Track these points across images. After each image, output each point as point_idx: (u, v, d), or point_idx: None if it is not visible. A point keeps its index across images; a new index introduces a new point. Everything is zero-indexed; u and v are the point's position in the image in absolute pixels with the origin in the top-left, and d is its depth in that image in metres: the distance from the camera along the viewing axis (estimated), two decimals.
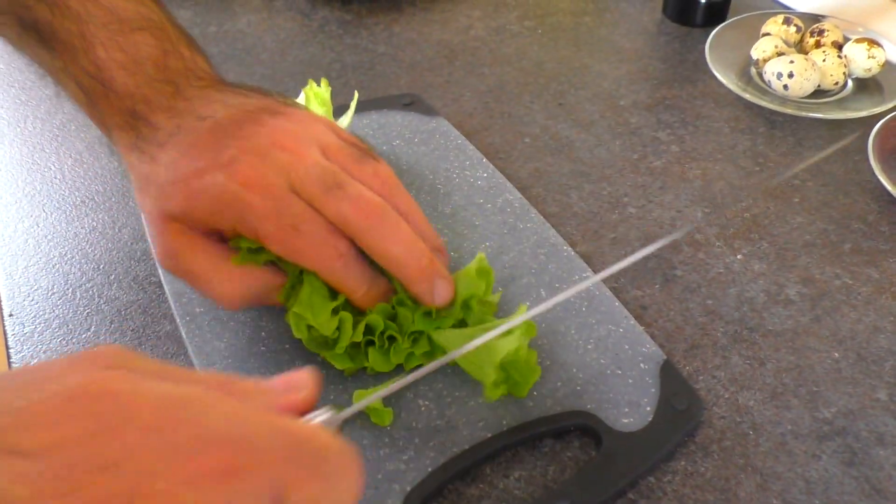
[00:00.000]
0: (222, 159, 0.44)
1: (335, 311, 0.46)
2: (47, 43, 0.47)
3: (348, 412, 0.34)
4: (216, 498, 0.25)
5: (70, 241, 0.61)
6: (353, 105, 0.65)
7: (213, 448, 0.26)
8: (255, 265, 0.47)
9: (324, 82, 0.63)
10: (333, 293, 0.46)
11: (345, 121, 0.64)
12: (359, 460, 0.30)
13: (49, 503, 0.23)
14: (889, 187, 0.60)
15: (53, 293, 0.56)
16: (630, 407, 0.46)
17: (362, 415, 0.46)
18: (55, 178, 0.67)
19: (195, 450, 0.26)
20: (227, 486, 0.25)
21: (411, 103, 0.71)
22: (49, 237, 0.61)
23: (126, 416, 0.25)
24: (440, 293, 0.46)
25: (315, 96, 0.63)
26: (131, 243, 0.60)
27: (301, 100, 0.64)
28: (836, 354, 0.51)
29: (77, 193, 0.65)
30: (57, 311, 0.55)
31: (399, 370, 0.48)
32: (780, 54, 0.74)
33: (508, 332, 0.43)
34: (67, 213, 0.63)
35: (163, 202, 0.46)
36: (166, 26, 0.49)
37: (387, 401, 0.46)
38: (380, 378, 0.47)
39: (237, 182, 0.43)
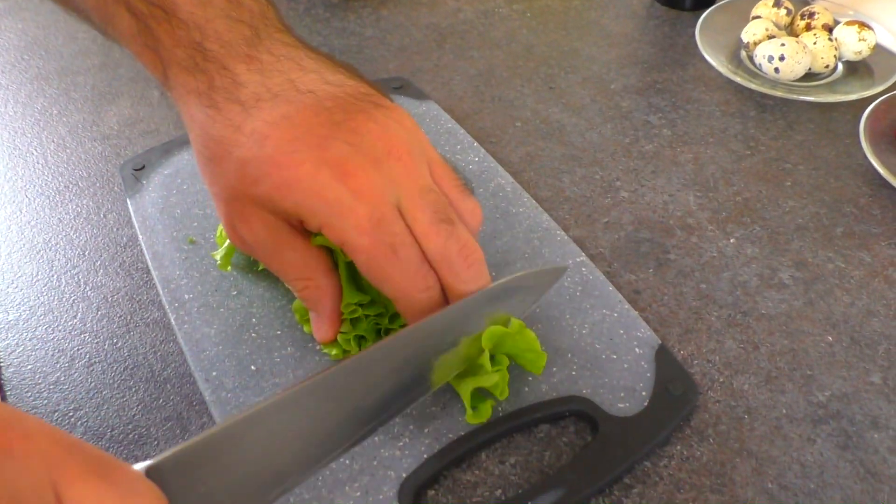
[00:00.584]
0: (330, 154, 0.39)
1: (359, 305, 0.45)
2: None
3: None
4: None
5: (54, 227, 0.59)
6: None
7: None
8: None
9: None
10: (362, 287, 0.45)
11: None
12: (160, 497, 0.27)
13: None
14: (881, 170, 0.60)
15: (38, 280, 0.55)
16: (625, 392, 0.46)
17: None
18: (38, 163, 0.65)
19: None
20: (6, 461, 0.24)
21: (400, 87, 0.70)
22: (32, 223, 0.60)
23: None
24: None
25: None
26: (117, 229, 0.59)
27: None
28: (830, 338, 0.51)
29: (60, 179, 0.64)
30: (42, 299, 0.54)
31: None
32: (770, 37, 0.74)
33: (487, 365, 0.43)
34: (51, 198, 0.62)
35: (247, 184, 0.40)
36: None
37: None
38: None
39: (345, 185, 0.39)
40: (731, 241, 0.58)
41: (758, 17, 0.77)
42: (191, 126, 0.43)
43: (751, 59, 0.75)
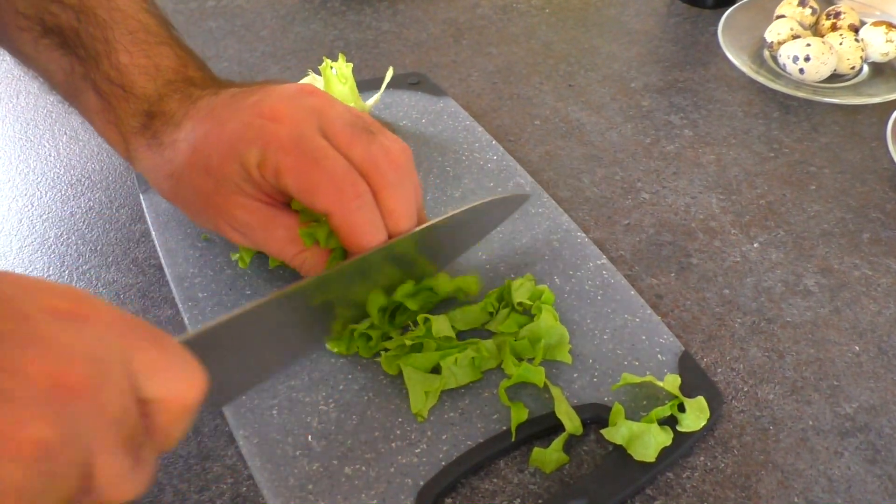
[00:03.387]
0: (246, 104, 0.44)
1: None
2: (69, 48, 0.47)
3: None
4: (68, 334, 0.26)
5: (66, 221, 0.59)
6: (386, 79, 0.63)
7: (60, 295, 0.28)
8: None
9: (342, 58, 0.61)
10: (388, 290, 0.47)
11: (371, 100, 0.62)
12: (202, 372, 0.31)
13: None
14: None
15: (49, 275, 0.54)
16: (648, 399, 0.45)
17: (374, 404, 0.44)
18: (50, 155, 0.65)
19: (49, 290, 0.28)
20: (78, 325, 0.27)
21: (418, 83, 0.69)
22: (44, 217, 0.59)
23: None
24: None
25: (337, 74, 0.60)
26: (129, 224, 0.58)
27: (309, 81, 0.62)
28: (857, 347, 0.50)
29: (73, 172, 0.63)
30: None
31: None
32: (795, 37, 0.72)
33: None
34: (63, 192, 0.61)
35: (204, 175, 0.44)
36: (186, 47, 0.51)
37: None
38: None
39: (262, 116, 0.43)
40: (755, 245, 0.57)
41: (782, 16, 0.76)
42: (152, 177, 0.48)
43: (774, 59, 0.74)
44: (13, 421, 0.24)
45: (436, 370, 0.45)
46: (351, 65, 0.60)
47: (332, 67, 0.60)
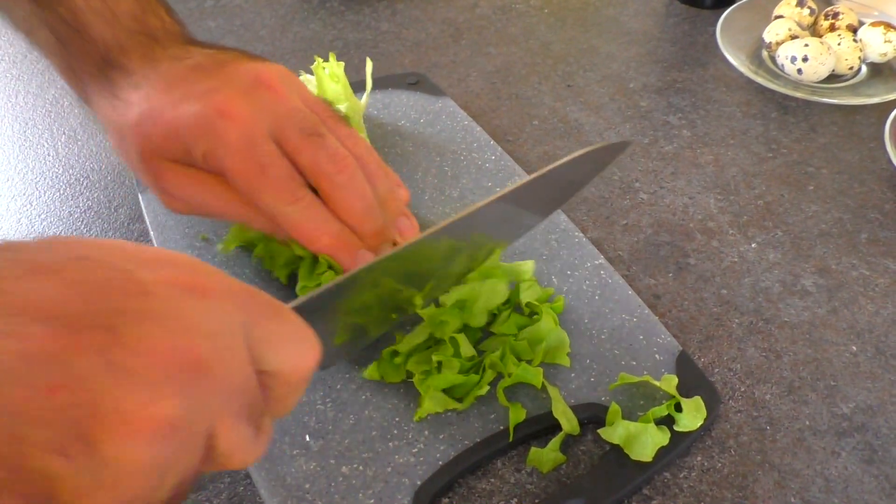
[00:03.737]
0: (201, 89, 0.43)
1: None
2: None
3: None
4: (190, 309, 0.27)
5: (65, 220, 0.59)
6: (368, 73, 0.63)
7: (178, 266, 0.28)
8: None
9: (332, 57, 0.61)
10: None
11: (363, 99, 0.62)
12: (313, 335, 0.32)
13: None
14: None
15: None
16: (645, 399, 0.45)
17: (372, 403, 0.44)
18: (48, 155, 0.65)
19: (167, 262, 0.28)
20: (199, 299, 0.27)
21: (417, 83, 0.69)
22: (43, 216, 0.59)
23: None
24: (384, 250, 0.46)
25: (329, 74, 0.60)
26: (128, 224, 0.58)
27: (304, 80, 0.61)
28: (854, 348, 0.50)
29: (71, 171, 0.63)
30: None
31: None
32: (793, 37, 0.72)
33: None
34: (62, 191, 0.61)
35: (146, 142, 0.44)
36: None
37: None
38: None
39: (214, 110, 0.42)
40: (753, 245, 0.57)
41: (780, 16, 0.76)
42: (104, 123, 0.47)
43: (773, 59, 0.74)
44: (141, 399, 0.24)
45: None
46: (342, 64, 0.61)
47: (323, 67, 0.60)
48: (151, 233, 0.55)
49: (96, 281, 0.25)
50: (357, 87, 0.64)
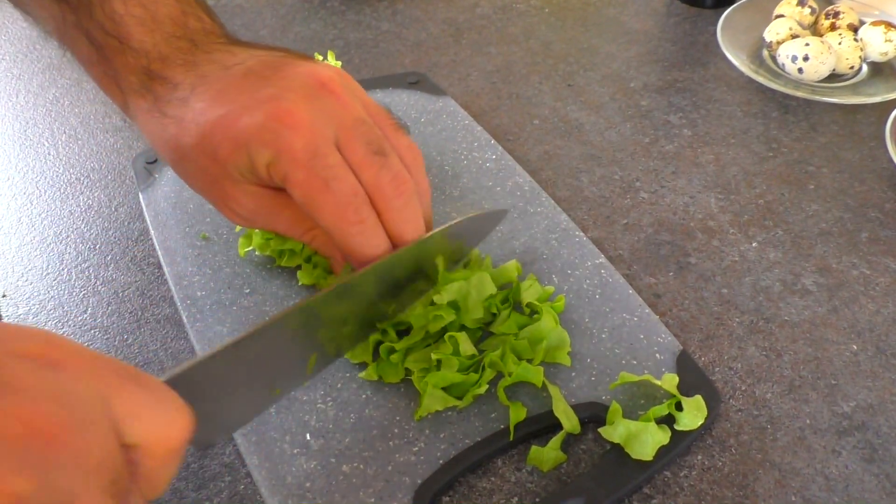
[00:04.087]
0: (261, 97, 0.41)
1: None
2: None
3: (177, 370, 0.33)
4: (42, 380, 0.25)
5: (65, 219, 0.59)
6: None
7: (32, 339, 0.26)
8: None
9: (331, 55, 0.61)
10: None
11: None
12: (184, 406, 0.30)
13: None
14: None
15: (48, 274, 0.54)
16: (646, 398, 0.45)
17: (372, 402, 0.44)
18: (49, 154, 0.65)
19: (20, 336, 0.26)
20: (52, 369, 0.25)
21: (417, 82, 0.69)
22: (43, 215, 0.59)
23: None
24: None
25: None
26: (128, 223, 0.58)
27: None
28: (855, 347, 0.50)
29: (72, 170, 0.63)
30: (52, 293, 0.53)
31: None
32: (794, 37, 0.72)
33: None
34: (62, 190, 0.61)
35: (210, 161, 0.43)
36: None
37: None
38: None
39: (278, 120, 0.41)
40: (754, 244, 0.57)
41: (781, 15, 0.76)
42: (153, 142, 0.46)
43: (773, 58, 0.74)
44: None
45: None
46: (339, 63, 0.61)
47: None
48: (152, 231, 0.55)
49: None
50: (362, 85, 0.64)
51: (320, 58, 0.61)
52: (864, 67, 0.73)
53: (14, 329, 0.27)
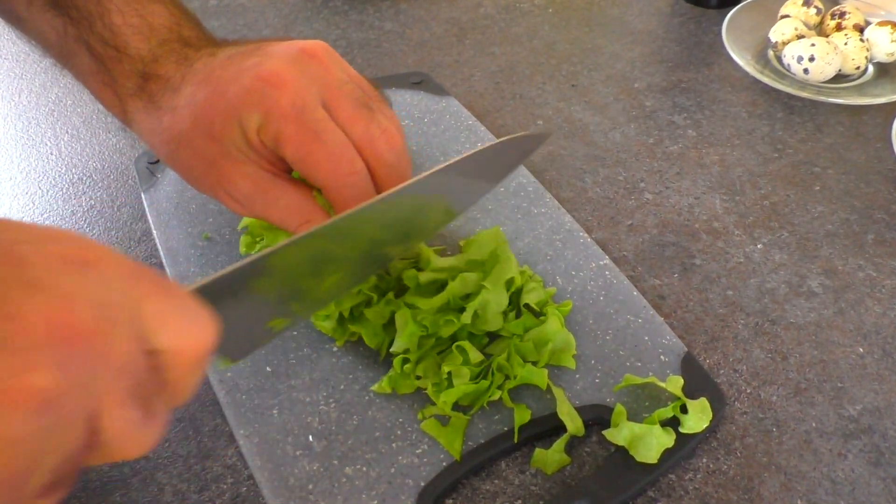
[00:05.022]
0: (246, 66, 0.43)
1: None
2: (62, 9, 0.46)
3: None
4: (71, 279, 0.25)
5: (67, 219, 0.58)
6: None
7: (63, 240, 0.27)
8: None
9: None
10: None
11: None
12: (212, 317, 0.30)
13: None
14: None
15: None
16: (650, 401, 0.44)
17: (375, 404, 0.44)
18: (51, 154, 0.64)
19: (52, 237, 0.27)
20: (83, 271, 0.26)
21: (420, 82, 0.69)
22: (45, 215, 0.59)
23: None
24: None
25: None
26: (131, 223, 0.58)
27: None
28: (861, 349, 0.49)
29: (74, 170, 0.63)
30: None
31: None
32: (799, 37, 0.72)
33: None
34: (64, 190, 0.61)
35: (206, 140, 0.43)
36: (179, 4, 0.49)
37: None
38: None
39: (263, 81, 0.42)
40: (759, 246, 0.56)
41: (786, 16, 0.76)
42: (150, 140, 0.47)
43: (778, 59, 0.73)
44: (11, 368, 0.23)
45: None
46: None
47: None
48: (154, 232, 0.55)
49: None
50: None
51: None
52: (870, 68, 0.73)
53: (50, 231, 0.27)
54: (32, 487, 0.24)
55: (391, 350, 0.45)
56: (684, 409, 0.43)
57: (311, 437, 0.43)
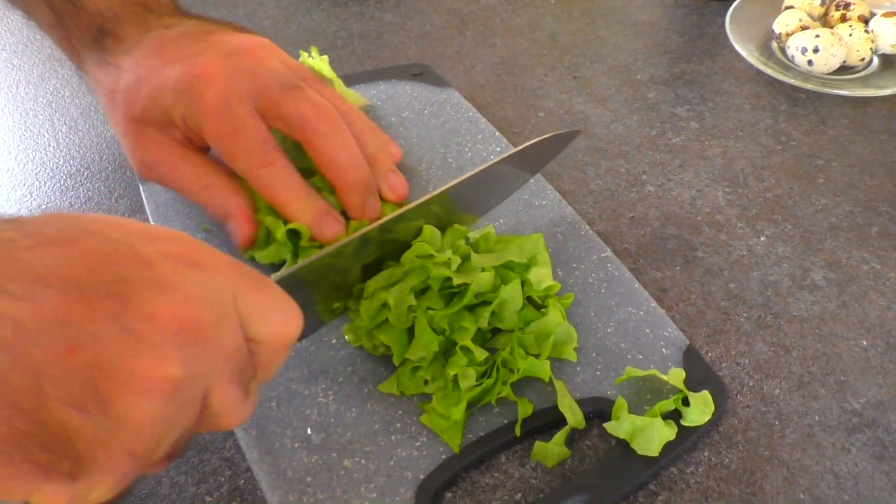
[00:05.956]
0: (186, 53, 0.46)
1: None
2: None
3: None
4: (188, 279, 0.29)
5: (65, 210, 0.58)
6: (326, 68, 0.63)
7: (174, 241, 0.30)
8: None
9: (314, 50, 0.61)
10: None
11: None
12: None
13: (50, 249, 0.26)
14: None
15: None
16: (652, 394, 0.44)
17: (374, 396, 0.44)
18: (49, 145, 0.64)
19: (164, 237, 0.30)
20: (195, 271, 0.29)
21: (421, 74, 0.68)
22: (43, 207, 0.58)
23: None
24: (371, 207, 0.50)
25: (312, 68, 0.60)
26: (129, 214, 0.58)
27: None
28: (865, 342, 0.49)
29: (72, 162, 0.62)
30: None
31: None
32: (804, 28, 0.71)
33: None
34: (62, 182, 0.61)
35: (128, 106, 0.47)
36: None
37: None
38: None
39: (194, 74, 0.45)
40: (762, 239, 0.56)
41: (791, 7, 0.75)
42: (96, 89, 0.50)
43: (782, 50, 0.73)
44: (149, 361, 0.26)
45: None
46: (326, 58, 0.61)
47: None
48: (152, 223, 0.54)
49: (102, 252, 0.27)
50: (363, 77, 0.63)
51: (304, 55, 0.61)
52: (875, 59, 0.72)
53: (156, 231, 0.30)
54: (158, 456, 0.29)
55: (406, 356, 0.44)
56: (686, 402, 0.43)
57: (309, 430, 0.42)
